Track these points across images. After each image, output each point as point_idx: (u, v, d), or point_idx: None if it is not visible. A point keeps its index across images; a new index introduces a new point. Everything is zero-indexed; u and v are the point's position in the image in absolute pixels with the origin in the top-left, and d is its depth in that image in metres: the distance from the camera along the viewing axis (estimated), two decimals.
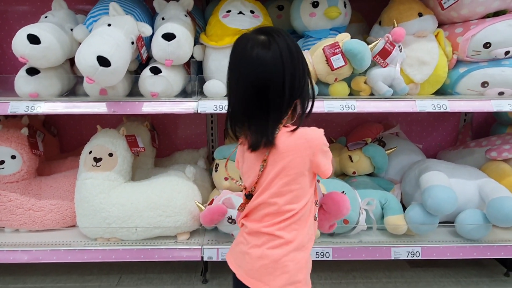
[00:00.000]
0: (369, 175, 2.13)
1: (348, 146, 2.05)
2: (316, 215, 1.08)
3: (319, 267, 2.09)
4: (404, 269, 2.12)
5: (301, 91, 0.96)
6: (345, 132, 2.47)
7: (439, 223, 1.90)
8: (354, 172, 2.06)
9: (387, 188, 2.05)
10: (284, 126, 0.97)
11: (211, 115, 2.45)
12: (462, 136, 2.45)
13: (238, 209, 1.09)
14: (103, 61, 1.41)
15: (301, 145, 0.95)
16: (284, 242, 0.96)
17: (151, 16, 1.85)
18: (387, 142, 2.20)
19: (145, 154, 2.04)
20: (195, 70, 1.87)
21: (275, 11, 2.03)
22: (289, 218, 0.97)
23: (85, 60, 1.40)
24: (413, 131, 2.51)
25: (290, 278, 0.95)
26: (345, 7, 1.81)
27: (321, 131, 0.99)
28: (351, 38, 1.95)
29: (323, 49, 1.59)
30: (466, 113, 2.47)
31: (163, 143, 2.44)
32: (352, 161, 2.04)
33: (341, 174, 2.18)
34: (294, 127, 0.98)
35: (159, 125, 2.42)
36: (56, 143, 2.32)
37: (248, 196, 1.01)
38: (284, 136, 0.96)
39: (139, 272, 2.08)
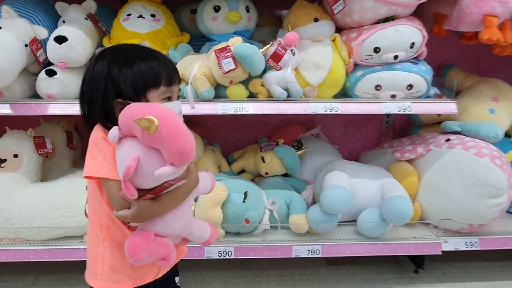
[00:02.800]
0: (285, 175, 2.18)
1: (261, 147, 2.10)
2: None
3: (238, 265, 2.14)
4: (320, 267, 2.17)
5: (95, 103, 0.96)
6: (271, 133, 2.52)
7: (346, 222, 1.97)
8: (266, 173, 2.10)
9: (300, 188, 2.10)
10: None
11: None
12: (384, 137, 2.52)
13: None
14: None
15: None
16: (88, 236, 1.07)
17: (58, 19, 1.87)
18: (304, 143, 2.25)
19: (60, 155, 2.06)
20: None
21: (188, 14, 2.07)
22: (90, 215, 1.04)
23: None
24: (338, 132, 2.58)
25: (92, 268, 1.05)
26: (248, 11, 1.85)
27: (97, 131, 0.96)
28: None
29: (214, 52, 1.63)
30: (388, 115, 2.53)
31: None
32: (264, 161, 2.08)
33: (257, 175, 2.23)
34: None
35: None
36: None
37: None
38: None
39: (56, 272, 2.10)
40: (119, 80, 0.93)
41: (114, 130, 0.86)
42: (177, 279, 1.19)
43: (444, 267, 2.16)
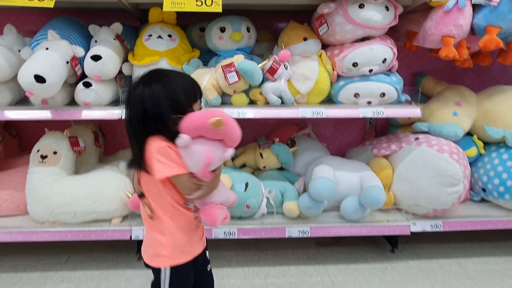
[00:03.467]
0: (280, 169, 2.54)
1: (259, 145, 2.46)
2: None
3: (239, 246, 2.47)
4: (310, 247, 2.51)
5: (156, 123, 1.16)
6: (268, 132, 2.87)
7: (331, 208, 2.32)
8: (264, 167, 2.46)
9: (293, 180, 2.45)
10: None
11: None
12: (367, 136, 2.87)
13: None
14: (39, 79, 1.78)
15: (146, 153, 1.19)
16: (149, 229, 1.31)
17: (90, 38, 2.22)
18: (297, 141, 2.60)
19: (89, 152, 2.40)
20: (129, 82, 2.25)
21: (198, 32, 2.42)
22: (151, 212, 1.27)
23: (24, 78, 1.78)
24: (327, 132, 2.93)
25: (155, 251, 1.28)
26: (249, 31, 2.20)
27: (158, 142, 1.16)
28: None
29: (221, 68, 1.98)
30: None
31: (111, 143, 2.81)
32: (262, 157, 2.44)
33: (256, 169, 2.58)
34: None
35: (107, 127, 2.78)
36: (15, 143, 2.68)
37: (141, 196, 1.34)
38: None
39: (85, 252, 2.43)
40: (179, 100, 1.16)
41: (185, 137, 1.11)
42: (207, 252, 1.49)
43: (416, 248, 2.50)
